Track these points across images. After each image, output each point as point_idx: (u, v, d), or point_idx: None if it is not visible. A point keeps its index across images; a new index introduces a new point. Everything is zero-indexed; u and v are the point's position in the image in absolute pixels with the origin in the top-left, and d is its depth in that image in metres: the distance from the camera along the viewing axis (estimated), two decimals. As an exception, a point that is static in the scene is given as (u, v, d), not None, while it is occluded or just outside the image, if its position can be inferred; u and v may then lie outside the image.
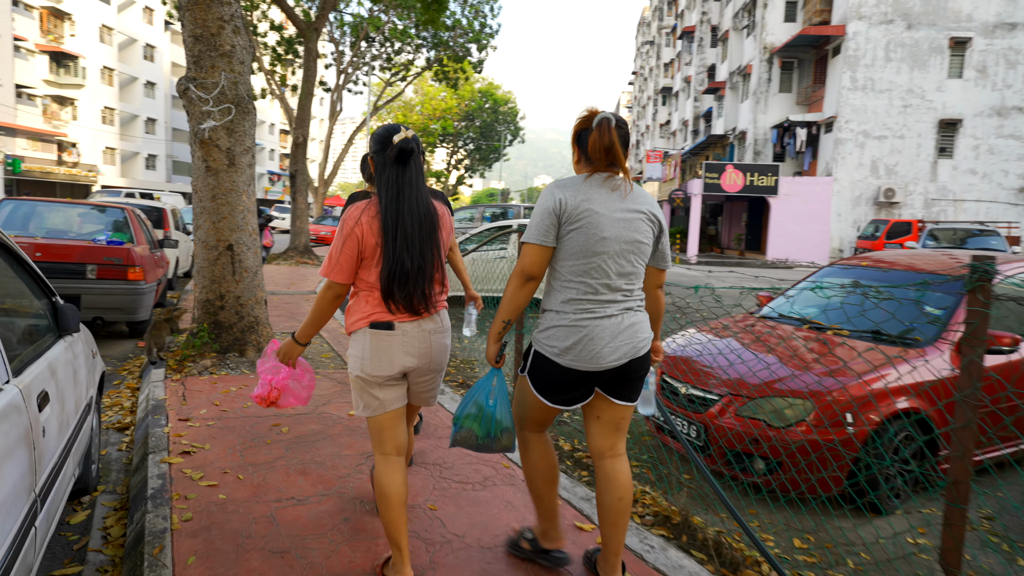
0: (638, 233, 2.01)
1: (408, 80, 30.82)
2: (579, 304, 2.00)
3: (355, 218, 2.04)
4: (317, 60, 16.59)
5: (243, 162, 4.91)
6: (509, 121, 50.87)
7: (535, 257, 2.01)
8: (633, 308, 2.06)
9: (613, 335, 1.98)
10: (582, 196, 1.98)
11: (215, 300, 4.90)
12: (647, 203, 2.05)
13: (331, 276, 2.06)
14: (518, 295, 2.05)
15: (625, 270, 2.01)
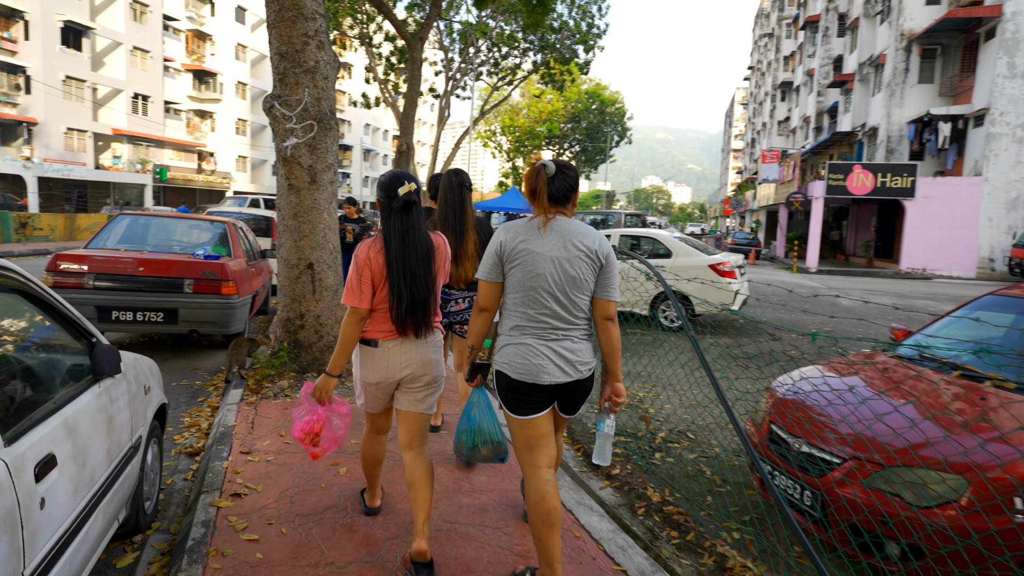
0: (573, 269, 2.22)
1: (515, 84, 30.91)
2: (522, 329, 2.26)
3: (365, 252, 2.44)
4: (422, 68, 16.84)
5: (325, 179, 4.82)
6: (616, 122, 49.96)
7: (485, 291, 2.31)
8: (573, 337, 2.26)
9: (556, 355, 2.22)
10: (521, 238, 2.25)
11: (295, 319, 4.85)
12: (585, 240, 2.25)
13: (353, 303, 2.41)
14: (475, 323, 2.36)
15: (563, 303, 2.23)
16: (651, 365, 6.01)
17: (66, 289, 5.33)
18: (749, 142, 70.37)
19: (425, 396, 2.55)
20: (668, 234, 9.98)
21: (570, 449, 4.08)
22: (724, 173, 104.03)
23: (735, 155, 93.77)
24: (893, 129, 24.96)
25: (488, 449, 2.52)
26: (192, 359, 5.96)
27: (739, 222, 59.01)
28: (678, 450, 4.27)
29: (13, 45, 34.15)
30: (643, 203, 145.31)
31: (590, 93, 47.05)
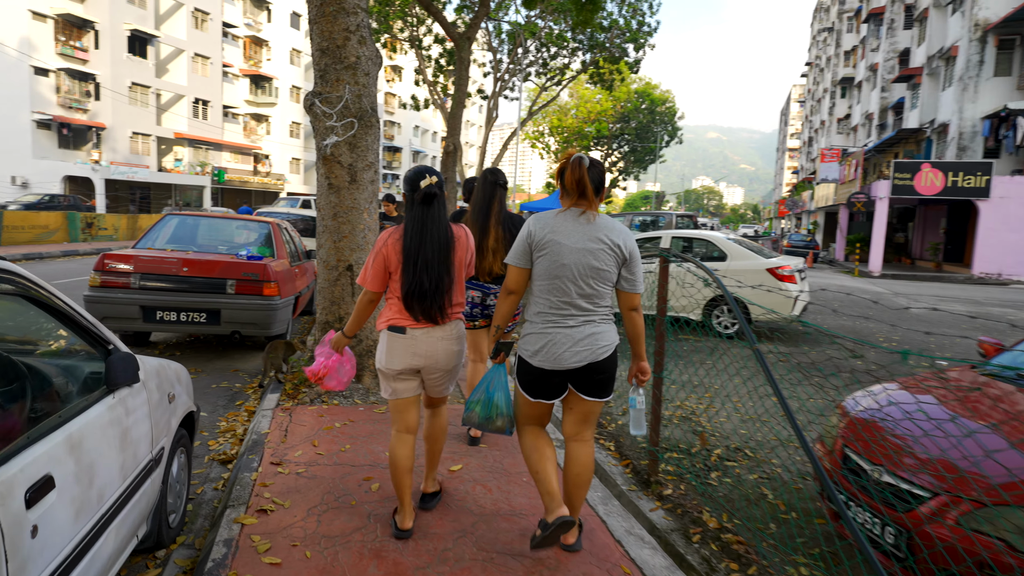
0: (596, 261, 2.36)
1: (563, 84, 30.64)
2: (545, 316, 2.42)
3: (383, 240, 2.61)
4: (469, 69, 16.75)
5: (365, 179, 4.67)
6: (666, 121, 49.04)
7: (514, 276, 2.48)
8: (595, 321, 2.41)
9: (573, 342, 2.37)
10: (549, 229, 2.39)
11: (334, 323, 4.72)
12: (611, 234, 2.39)
13: (365, 284, 2.66)
14: (502, 305, 2.53)
15: (584, 291, 2.38)
16: (705, 375, 5.66)
17: (113, 289, 5.36)
18: (806, 141, 67.95)
19: (445, 384, 2.81)
20: (721, 236, 9.53)
21: (618, 465, 3.80)
22: (779, 173, 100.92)
23: (791, 155, 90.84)
24: (966, 125, 23.52)
25: (502, 421, 2.64)
26: (235, 360, 5.92)
27: (795, 223, 57.04)
28: (736, 470, 3.94)
29: (84, 54, 35.86)
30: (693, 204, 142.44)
31: (640, 92, 46.28)
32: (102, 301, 5.30)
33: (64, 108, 35.32)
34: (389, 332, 2.63)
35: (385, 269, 2.60)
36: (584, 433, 2.59)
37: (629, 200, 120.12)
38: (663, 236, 9.54)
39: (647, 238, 9.84)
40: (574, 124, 45.61)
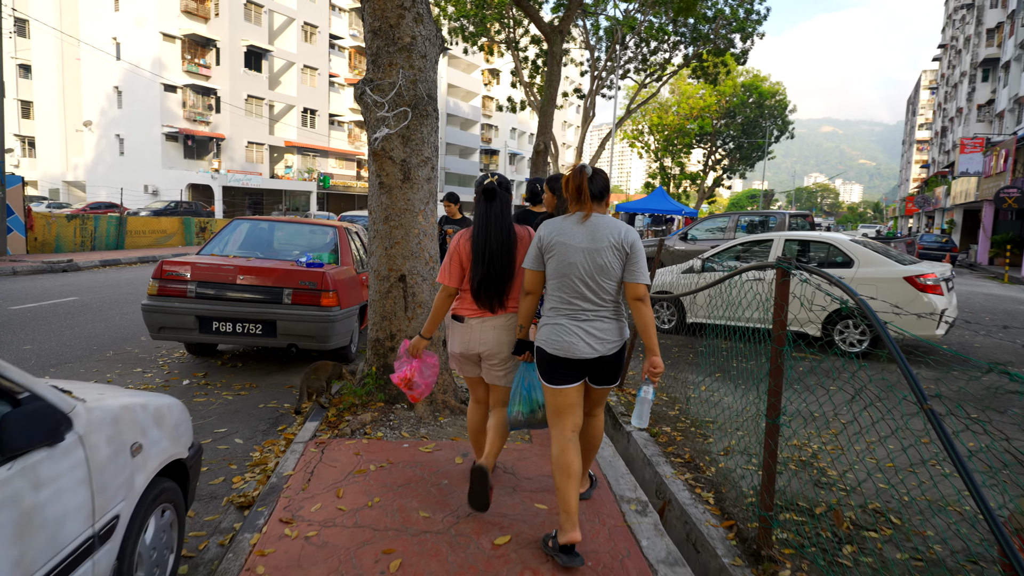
0: (601, 258, 2.58)
1: (663, 80, 29.25)
2: (559, 310, 2.65)
3: (457, 240, 2.95)
4: (561, 63, 16.02)
5: (419, 176, 4.07)
6: (776, 115, 46.06)
7: (529, 278, 2.73)
8: (604, 317, 2.62)
9: (587, 334, 2.59)
10: (556, 232, 2.64)
11: (385, 340, 4.16)
12: (613, 233, 2.60)
13: (443, 281, 2.94)
14: (522, 305, 2.80)
15: (592, 287, 2.60)
16: (827, 402, 4.62)
17: (170, 297, 5.12)
18: (938, 131, 61.50)
19: (505, 373, 2.96)
20: (845, 238, 8.20)
21: (719, 527, 2.95)
22: (905, 168, 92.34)
23: (919, 147, 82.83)
24: None
25: (543, 413, 2.82)
26: (293, 375, 5.55)
27: (925, 223, 51.67)
28: (878, 544, 2.97)
29: (207, 70, 38.54)
30: (805, 202, 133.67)
31: (747, 86, 43.67)
32: (159, 310, 5.07)
33: (189, 121, 38.14)
34: (452, 320, 2.99)
35: (460, 266, 2.90)
36: (595, 411, 2.92)
37: (734, 199, 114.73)
38: (775, 239, 8.36)
39: (755, 241, 8.68)
40: (675, 121, 43.79)
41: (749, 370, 6.47)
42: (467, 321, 2.91)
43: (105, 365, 5.54)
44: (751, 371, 6.49)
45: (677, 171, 46.29)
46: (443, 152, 57.27)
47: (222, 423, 4.16)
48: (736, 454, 4.07)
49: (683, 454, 4.12)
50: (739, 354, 7.61)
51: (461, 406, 4.20)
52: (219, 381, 5.21)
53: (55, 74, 42.19)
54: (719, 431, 4.55)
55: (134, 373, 5.33)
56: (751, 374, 6.38)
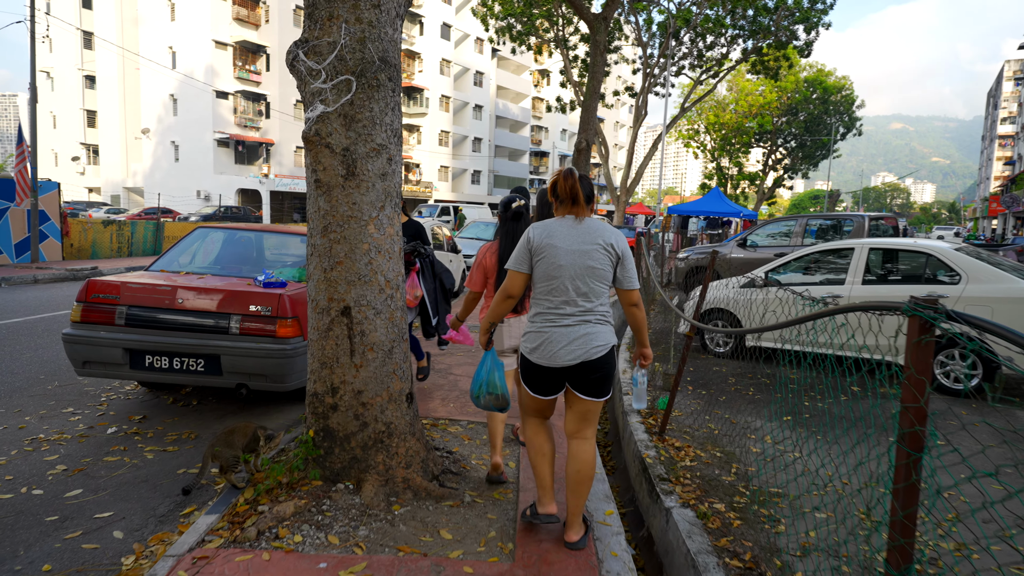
0: (591, 260, 2.60)
1: (720, 76, 27.59)
2: (544, 316, 2.65)
3: (483, 253, 3.48)
4: (605, 54, 14.73)
5: (369, 170, 2.95)
6: (842, 111, 43.49)
7: (514, 280, 2.68)
8: (591, 321, 2.62)
9: (568, 340, 2.58)
10: (546, 234, 2.63)
11: (325, 395, 3.05)
12: (603, 236, 2.62)
13: (470, 287, 3.49)
14: (499, 307, 2.77)
15: (582, 290, 2.60)
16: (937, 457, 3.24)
17: (95, 325, 4.16)
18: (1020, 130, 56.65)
19: None
20: (947, 246, 6.65)
21: None
22: (985, 165, 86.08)
23: (1001, 143, 77.01)
24: None
25: (493, 399, 2.95)
26: (258, 417, 4.52)
27: (1013, 224, 47.50)
28: None
29: (257, 76, 38.90)
30: (873, 203, 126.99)
31: (810, 81, 41.28)
32: (81, 341, 4.12)
33: (240, 127, 38.55)
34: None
35: (484, 275, 3.45)
36: (584, 431, 2.76)
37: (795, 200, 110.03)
38: (856, 249, 6.89)
39: (829, 250, 7.22)
40: (732, 119, 41.75)
41: (838, 415, 5.09)
42: (506, 322, 3.37)
43: (37, 401, 4.66)
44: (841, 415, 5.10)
45: (735, 171, 44.22)
46: (492, 154, 56.52)
47: (113, 502, 3.14)
48: (823, 554, 2.77)
49: (742, 551, 2.86)
50: (819, 389, 6.18)
51: (429, 486, 3.05)
52: (154, 428, 4.23)
53: (117, 84, 43.53)
54: (794, 510, 3.27)
55: (62, 414, 4.41)
56: (839, 420, 5.00)
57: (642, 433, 4.88)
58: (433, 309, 4.97)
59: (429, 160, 50.46)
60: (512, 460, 3.68)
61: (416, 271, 4.88)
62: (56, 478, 3.36)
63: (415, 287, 4.82)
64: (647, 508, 3.79)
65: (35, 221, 14.87)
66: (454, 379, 5.48)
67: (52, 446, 3.81)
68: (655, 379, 6.65)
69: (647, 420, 5.25)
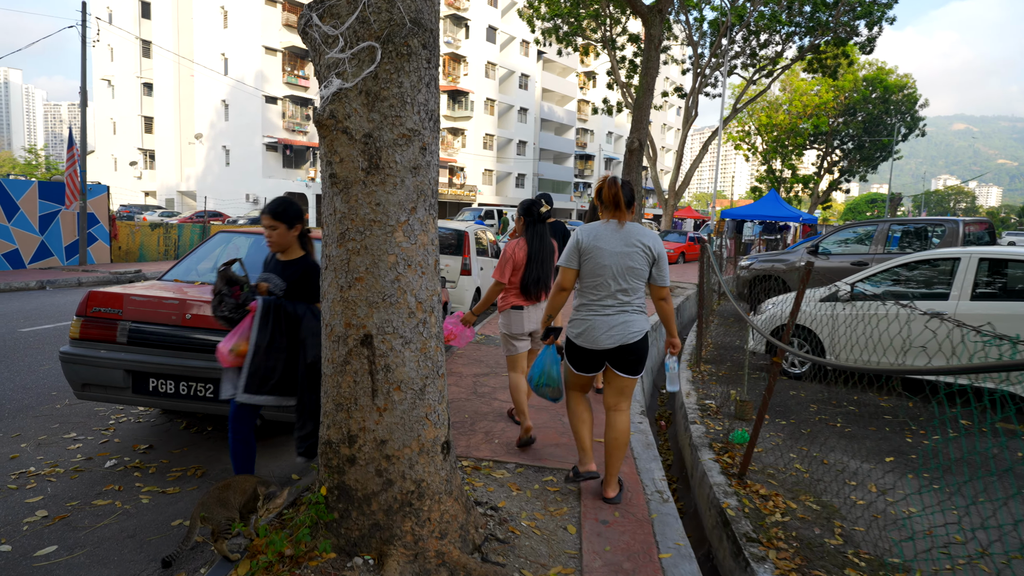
0: (632, 261, 3.01)
1: (774, 75, 26.37)
2: (587, 307, 3.08)
3: (512, 248, 3.94)
4: (659, 49, 13.91)
5: (397, 163, 2.32)
6: (904, 111, 41.40)
7: (566, 275, 3.10)
8: (628, 311, 3.06)
9: (608, 327, 3.03)
10: (593, 236, 3.04)
11: (340, 444, 2.43)
12: (642, 239, 3.03)
13: (498, 278, 3.95)
14: (555, 299, 3.20)
15: (621, 286, 3.03)
16: None
17: (96, 342, 3.67)
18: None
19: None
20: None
21: None
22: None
23: (1081, 143, 72.28)
24: None
25: (547, 391, 3.36)
26: (269, 453, 3.96)
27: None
28: None
29: (305, 81, 39.30)
30: (935, 207, 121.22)
31: (869, 79, 39.39)
32: (80, 360, 3.63)
33: (288, 132, 38.98)
34: (511, 310, 3.97)
35: (513, 268, 3.92)
36: (620, 404, 3.21)
37: (851, 204, 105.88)
38: (962, 259, 5.96)
39: (926, 260, 6.30)
40: (786, 120, 40.11)
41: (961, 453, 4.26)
42: (525, 309, 3.98)
43: (40, 423, 4.22)
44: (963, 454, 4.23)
45: (788, 174, 42.52)
46: (537, 158, 55.93)
47: (88, 567, 2.58)
48: None
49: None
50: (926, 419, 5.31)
51: (469, 561, 2.40)
52: (158, 462, 3.71)
53: (172, 91, 44.71)
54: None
55: (62, 440, 3.94)
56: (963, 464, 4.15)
57: (718, 474, 4.14)
58: (255, 379, 2.87)
59: (473, 163, 50.18)
60: (572, 523, 3.00)
61: (253, 313, 2.92)
62: (32, 528, 2.85)
63: (233, 339, 2.89)
64: (731, 569, 3.08)
65: (83, 224, 14.95)
66: (499, 406, 4.82)
67: (40, 483, 3.32)
68: (726, 406, 5.88)
69: (721, 457, 4.51)
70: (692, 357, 7.84)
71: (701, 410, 5.79)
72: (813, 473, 4.26)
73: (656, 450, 4.17)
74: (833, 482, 4.11)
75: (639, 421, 4.65)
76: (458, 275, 9.07)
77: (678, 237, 26.53)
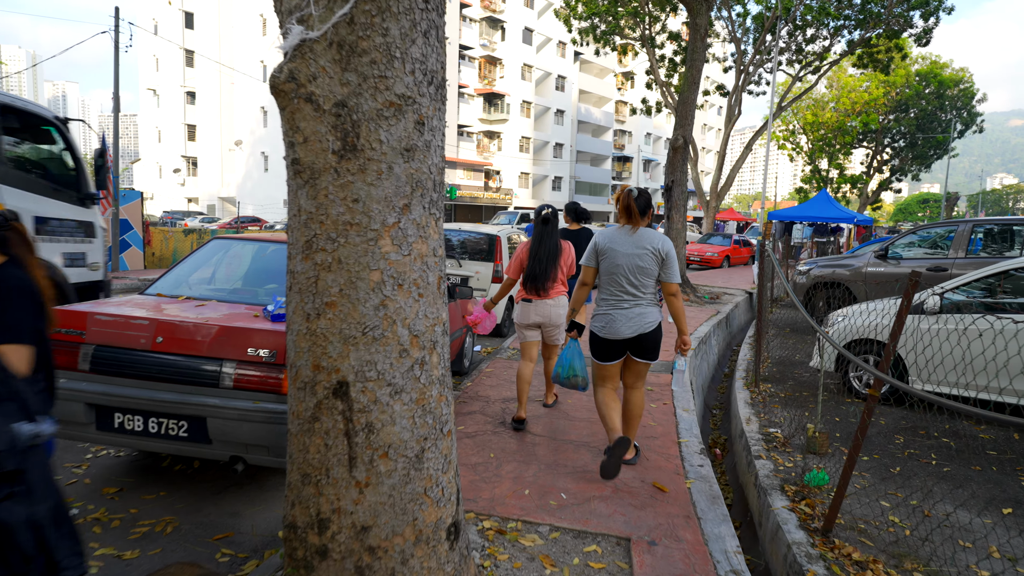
0: (641, 261, 3.45)
1: (822, 71, 25.11)
2: (607, 301, 3.55)
3: (521, 249, 4.38)
4: (705, 40, 13.03)
5: (383, 143, 1.66)
6: (960, 107, 39.38)
7: (587, 272, 3.65)
8: (642, 304, 3.50)
9: (627, 319, 3.47)
10: (609, 240, 3.53)
11: (307, 529, 1.78)
12: (652, 242, 3.46)
13: (508, 275, 4.42)
14: (579, 293, 3.71)
15: (633, 283, 3.47)
16: None
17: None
18: None
19: (556, 335, 4.44)
20: None
21: None
22: None
23: None
24: None
25: (574, 381, 3.77)
26: (242, 511, 3.35)
27: None
28: None
29: (341, 86, 39.38)
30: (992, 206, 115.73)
31: (922, 74, 37.56)
32: (37, 391, 3.08)
33: (325, 137, 39.16)
34: (522, 302, 4.36)
35: (520, 265, 4.33)
36: (637, 384, 3.73)
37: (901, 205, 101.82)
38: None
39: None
40: (833, 118, 38.46)
41: None
42: (534, 301, 4.33)
43: (11, 457, 3.71)
44: None
45: (835, 174, 40.81)
46: (573, 160, 55.10)
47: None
48: None
49: None
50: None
51: None
52: (123, 514, 3.12)
53: (214, 98, 45.45)
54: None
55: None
56: None
57: (796, 528, 3.39)
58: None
59: (509, 166, 49.63)
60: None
61: None
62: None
63: None
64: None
65: (115, 230, 14.84)
66: (532, 441, 4.13)
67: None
68: (796, 435, 5.08)
69: (798, 505, 3.72)
70: (750, 375, 7.01)
71: (765, 441, 4.99)
72: (915, 529, 3.46)
73: (724, 504, 3.41)
74: (944, 543, 3.30)
75: (699, 464, 3.89)
76: (489, 283, 8.42)
77: (722, 240, 25.41)
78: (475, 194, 45.90)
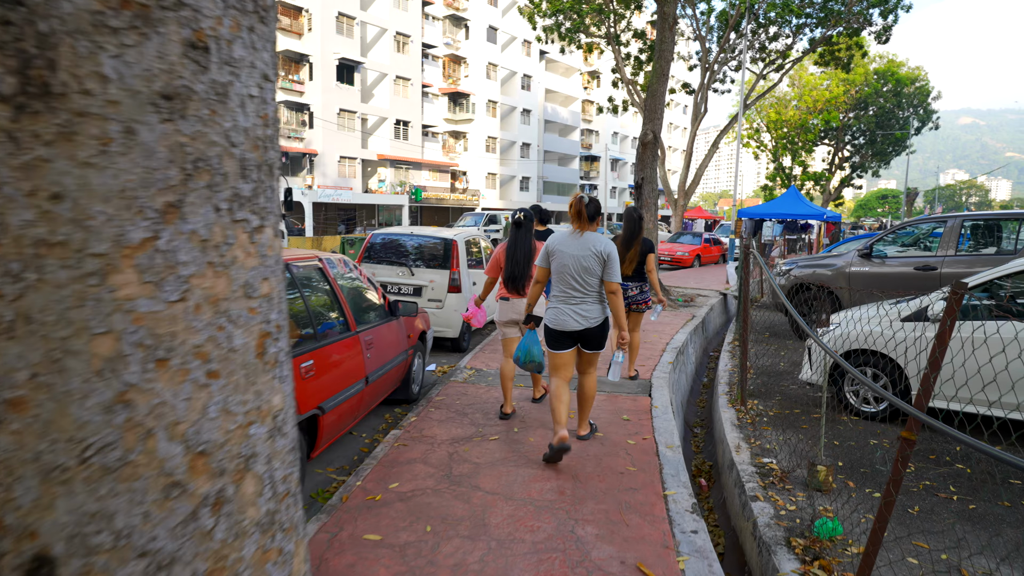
0: (586, 262, 3.93)
1: (784, 70, 25.22)
2: (558, 297, 4.04)
3: (498, 250, 4.87)
4: (675, 30, 12.43)
5: (107, 79, 0.84)
6: (916, 104, 40.39)
7: (540, 271, 4.14)
8: (587, 301, 4.01)
9: (575, 313, 3.98)
10: (559, 242, 4.01)
11: None
12: (595, 245, 3.95)
13: (488, 274, 4.98)
14: (533, 290, 4.21)
15: (580, 282, 3.96)
16: None
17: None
18: None
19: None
20: None
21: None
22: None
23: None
24: None
25: (532, 365, 4.33)
26: None
27: None
28: None
29: (300, 86, 38.03)
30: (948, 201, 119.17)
31: (880, 73, 38.33)
32: None
33: (284, 138, 37.68)
34: (501, 301, 4.90)
35: (498, 266, 4.85)
36: (588, 370, 4.28)
37: (861, 201, 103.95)
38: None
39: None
40: (795, 116, 38.84)
41: None
42: (510, 300, 4.83)
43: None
44: None
45: (798, 171, 41.17)
46: (541, 160, 54.52)
47: None
48: None
49: None
50: None
51: None
52: None
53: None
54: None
55: None
56: None
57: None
58: None
59: (476, 167, 48.82)
60: None
61: None
62: None
63: None
64: None
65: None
66: (482, 500, 3.30)
67: None
68: (793, 465, 4.40)
69: (811, 568, 3.01)
70: (734, 391, 6.31)
71: (760, 475, 4.28)
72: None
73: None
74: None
75: (692, 530, 3.11)
76: (445, 292, 7.58)
77: (692, 239, 25.01)
78: (441, 195, 44.96)
